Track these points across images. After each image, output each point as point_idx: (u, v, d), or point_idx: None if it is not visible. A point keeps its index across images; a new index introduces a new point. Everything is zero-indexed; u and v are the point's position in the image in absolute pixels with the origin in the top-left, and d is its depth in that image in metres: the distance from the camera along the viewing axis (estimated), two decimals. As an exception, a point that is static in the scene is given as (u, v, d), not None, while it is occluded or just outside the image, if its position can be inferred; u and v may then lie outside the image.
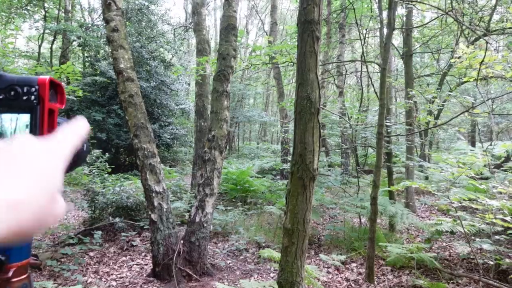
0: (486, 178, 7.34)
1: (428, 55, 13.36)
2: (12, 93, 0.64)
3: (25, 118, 0.65)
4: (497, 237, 4.18)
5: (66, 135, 0.46)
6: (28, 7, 13.65)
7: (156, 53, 13.48)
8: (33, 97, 0.65)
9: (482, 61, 3.57)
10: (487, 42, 3.86)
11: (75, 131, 0.48)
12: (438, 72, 9.80)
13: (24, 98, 0.65)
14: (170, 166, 13.47)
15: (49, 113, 0.68)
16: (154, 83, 12.79)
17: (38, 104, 0.65)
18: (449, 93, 6.36)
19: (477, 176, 4.98)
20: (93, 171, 5.79)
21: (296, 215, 2.12)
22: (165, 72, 13.63)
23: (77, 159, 0.80)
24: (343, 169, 10.49)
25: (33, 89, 0.65)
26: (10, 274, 0.67)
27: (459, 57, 4.61)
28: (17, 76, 0.66)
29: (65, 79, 7.25)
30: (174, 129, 13.97)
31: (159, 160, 4.33)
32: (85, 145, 0.82)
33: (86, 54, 14.68)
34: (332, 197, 7.57)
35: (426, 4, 3.99)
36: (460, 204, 4.34)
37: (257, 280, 3.98)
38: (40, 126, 0.65)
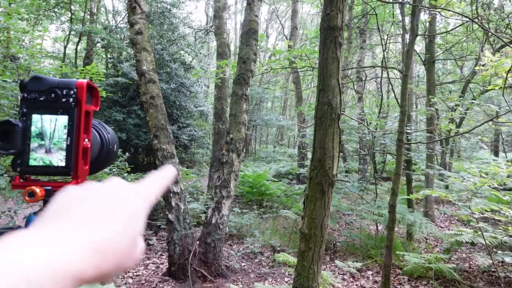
0: (510, 189, 7.12)
1: (451, 62, 13.09)
2: (53, 95, 0.68)
3: (64, 119, 0.69)
4: (520, 250, 4.06)
5: (155, 180, 0.47)
6: (55, 9, 14.10)
7: (176, 56, 13.69)
8: (71, 99, 0.68)
9: (510, 69, 3.48)
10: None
11: (163, 178, 0.48)
12: (461, 79, 9.59)
13: (63, 100, 0.68)
14: (187, 167, 13.61)
15: (85, 115, 0.71)
16: (174, 85, 12.98)
17: (76, 106, 0.69)
18: (472, 101, 6.22)
19: (500, 187, 4.84)
20: (113, 169, 5.91)
21: (314, 220, 2.11)
22: (185, 75, 13.82)
23: (109, 158, 0.84)
24: (361, 176, 10.37)
25: (72, 91, 0.68)
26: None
27: (483, 65, 4.50)
28: (57, 79, 0.70)
29: (89, 79, 7.41)
30: (192, 131, 14.13)
31: (177, 161, 4.39)
32: (115, 145, 0.85)
33: (109, 56, 15.04)
34: (349, 203, 7.49)
35: (450, 10, 3.92)
36: (481, 215, 4.23)
37: (272, 284, 3.98)
38: (77, 128, 0.69)
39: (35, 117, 0.66)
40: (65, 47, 14.50)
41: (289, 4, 18.97)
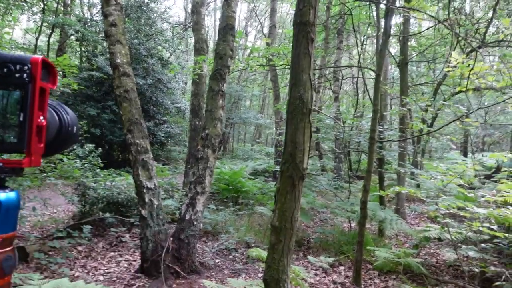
0: (475, 188, 7.42)
1: (424, 65, 13.48)
2: (5, 70, 0.66)
3: (17, 95, 0.67)
4: (483, 245, 4.23)
5: None
6: (27, -1, 13.59)
7: (154, 51, 13.48)
8: (25, 75, 0.67)
9: (471, 69, 3.63)
10: (477, 52, 3.93)
11: None
12: (433, 81, 9.90)
13: (17, 75, 0.67)
14: (163, 165, 13.43)
15: (40, 92, 0.70)
16: (150, 80, 12.78)
17: (29, 82, 0.67)
18: (443, 102, 6.44)
19: (467, 185, 5.05)
20: (85, 165, 5.76)
21: (284, 213, 2.14)
22: (162, 70, 13.63)
23: (67, 140, 0.82)
24: (336, 174, 10.55)
25: (26, 67, 0.67)
26: (-5, 245, 0.69)
27: (453, 66, 4.67)
28: (11, 54, 0.68)
29: (61, 72, 7.22)
30: (169, 128, 13.96)
31: (151, 156, 4.33)
32: (75, 127, 0.84)
33: (83, 49, 14.63)
34: (324, 201, 7.61)
35: (421, 11, 4.05)
36: (448, 212, 4.40)
37: (245, 280, 3.99)
38: (31, 104, 0.67)
39: (-13, 92, 0.65)
40: (36, 39, 14.00)
41: (268, 3, 19.02)
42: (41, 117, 0.69)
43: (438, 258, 5.10)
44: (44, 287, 2.71)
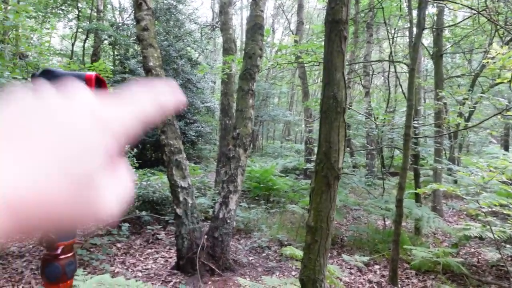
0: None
1: (459, 56, 12.92)
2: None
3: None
4: (529, 244, 4.03)
5: (137, 101, 0.31)
6: (63, 7, 14.21)
7: (183, 52, 13.73)
8: None
9: (515, 61, 3.44)
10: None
11: (154, 96, 0.31)
12: (470, 73, 9.48)
13: None
14: (194, 163, 13.68)
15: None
16: (180, 81, 13.03)
17: None
18: (481, 94, 6.14)
19: (510, 181, 4.79)
20: (122, 165, 5.97)
21: (320, 213, 2.13)
22: (192, 71, 13.86)
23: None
24: (368, 171, 10.34)
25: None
26: (59, 251, 0.74)
27: (492, 58, 4.45)
28: (65, 71, 0.72)
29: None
30: (199, 127, 14.19)
31: (185, 156, 4.43)
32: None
33: (116, 53, 15.14)
34: (356, 198, 7.49)
35: (457, 3, 3.88)
36: (490, 209, 4.21)
37: (279, 277, 4.01)
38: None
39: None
40: (72, 45, 14.61)
41: (295, -1, 18.84)
42: None
43: (479, 257, 4.90)
44: (88, 282, 2.84)
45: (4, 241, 4.91)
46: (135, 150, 6.59)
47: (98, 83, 0.78)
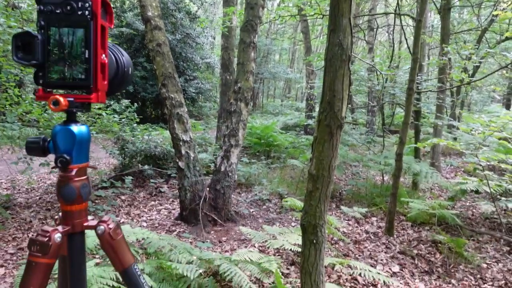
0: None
1: (467, 11, 12.46)
2: (68, 7, 0.68)
3: (81, 32, 0.70)
4: (524, 197, 4.13)
5: None
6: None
7: (181, 5, 13.23)
8: (87, 12, 0.69)
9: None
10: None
11: None
12: (477, 28, 9.18)
13: (79, 13, 0.69)
14: (195, 120, 13.68)
15: (101, 30, 0.72)
16: (179, 35, 12.68)
17: (91, 20, 0.69)
18: (488, 50, 6.00)
19: (510, 137, 4.82)
20: (123, 120, 5.97)
21: (322, 161, 2.15)
22: (191, 25, 13.44)
23: (124, 80, 0.85)
24: (369, 128, 10.36)
25: (87, 4, 0.69)
26: (73, 173, 0.76)
27: (503, 9, 4.30)
28: (73, -10, 0.70)
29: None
30: (199, 83, 14.02)
31: (186, 110, 4.41)
32: (130, 68, 0.87)
33: (112, 5, 14.59)
34: (356, 154, 7.56)
35: None
36: (488, 164, 4.27)
37: (279, 227, 4.15)
38: (94, 42, 0.70)
39: (53, 30, 0.68)
40: (66, -4, 14.04)
41: None
42: (103, 55, 0.71)
43: (474, 210, 5.04)
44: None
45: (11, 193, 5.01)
46: (135, 105, 6.54)
47: (104, 5, 0.76)
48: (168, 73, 4.27)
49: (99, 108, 5.47)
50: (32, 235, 0.77)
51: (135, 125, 6.19)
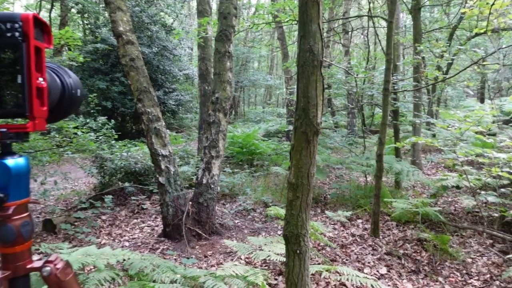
0: (494, 134, 7.26)
1: (437, 10, 12.81)
2: (-4, 29, 0.63)
3: (12, 56, 0.64)
4: (502, 190, 4.20)
5: None
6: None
7: (156, 18, 13.15)
8: (17, 33, 0.63)
9: (492, 6, 3.41)
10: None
11: None
12: (448, 26, 9.44)
13: (8, 35, 0.63)
14: (176, 133, 13.53)
15: (36, 52, 0.66)
16: (156, 48, 12.58)
17: (23, 41, 0.64)
18: (459, 47, 6.15)
19: (485, 132, 4.92)
20: (100, 137, 5.83)
21: (300, 169, 2.12)
22: (167, 37, 13.36)
23: (72, 104, 0.79)
24: (350, 130, 10.45)
25: (17, 25, 0.63)
26: (10, 211, 0.69)
27: (470, 7, 4.41)
28: (-2, 12, 0.65)
29: (66, 47, 7.16)
30: (178, 95, 13.90)
31: (164, 124, 4.33)
32: (79, 90, 0.81)
33: (85, 21, 14.38)
34: (338, 157, 7.60)
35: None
36: (466, 159, 4.33)
37: (265, 237, 4.09)
38: (27, 65, 0.64)
39: (-21, 55, 0.62)
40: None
41: (270, -44, 18.04)
42: (40, 79, 0.66)
43: (456, 206, 5.10)
44: (74, 255, 2.82)
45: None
46: (114, 122, 6.40)
47: (39, 25, 0.70)
48: (143, 88, 4.19)
49: (75, 127, 5.34)
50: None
51: (113, 142, 6.05)
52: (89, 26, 13.92)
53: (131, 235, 4.45)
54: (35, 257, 0.78)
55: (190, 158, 7.33)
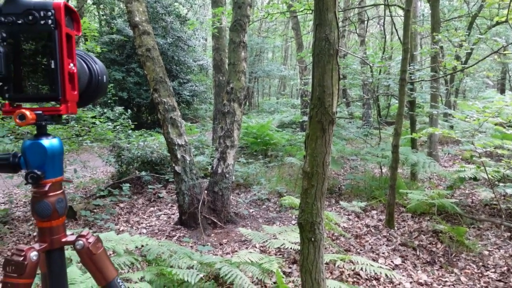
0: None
1: (457, -2, 12.44)
2: (30, 17, 0.66)
3: (45, 42, 0.68)
4: (522, 182, 4.12)
5: None
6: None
7: (171, 8, 13.18)
8: (50, 21, 0.67)
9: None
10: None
11: None
12: (467, 14, 9.17)
13: (42, 22, 0.67)
14: (191, 123, 13.64)
15: (67, 38, 0.70)
16: (170, 39, 12.63)
17: (55, 29, 0.67)
18: (479, 36, 5.99)
19: (505, 122, 4.80)
20: (117, 127, 5.94)
21: (316, 158, 2.13)
22: (181, 28, 13.39)
23: (99, 89, 0.83)
24: (365, 121, 10.35)
25: (50, 13, 0.66)
26: (47, 188, 0.74)
27: (491, -6, 4.29)
28: (32, 0, 0.68)
29: (83, 38, 7.26)
30: (193, 86, 13.97)
31: (179, 113, 4.38)
32: (104, 76, 0.84)
33: (101, 12, 14.52)
34: (353, 148, 7.55)
35: None
36: (484, 150, 4.25)
37: (279, 226, 4.13)
38: (60, 51, 0.68)
39: (16, 41, 0.65)
40: (55, 6, 13.96)
41: None
42: (71, 64, 0.69)
43: (473, 198, 5.03)
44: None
45: (9, 207, 4.97)
46: (129, 112, 6.51)
47: (69, 13, 0.74)
48: (159, 78, 4.24)
49: (93, 117, 5.45)
50: (8, 255, 0.75)
51: (130, 131, 6.16)
52: (104, 17, 14.06)
53: (148, 223, 4.55)
54: (68, 232, 0.83)
55: (205, 148, 7.40)
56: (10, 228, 4.31)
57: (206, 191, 4.38)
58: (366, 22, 10.27)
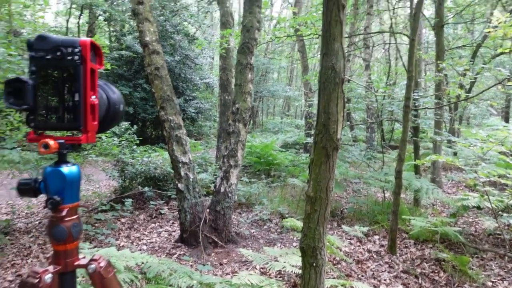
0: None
1: (461, 27, 12.68)
2: (58, 53, 0.71)
3: (71, 77, 0.72)
4: (526, 213, 4.09)
5: None
6: (56, -18, 13.86)
7: (180, 27, 13.47)
8: (76, 57, 0.72)
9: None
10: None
11: None
12: (471, 44, 9.32)
13: (69, 58, 0.71)
14: (195, 140, 13.72)
15: (91, 73, 0.74)
16: (178, 57, 12.86)
17: (81, 64, 0.72)
18: (483, 65, 6.07)
19: (509, 151, 4.81)
20: (122, 142, 6.00)
21: (319, 183, 2.15)
22: (189, 46, 13.65)
23: (115, 117, 0.87)
24: (368, 144, 10.37)
25: (76, 49, 0.71)
26: (64, 213, 0.77)
27: (494, 27, 4.38)
28: (61, 37, 0.73)
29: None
30: (198, 103, 14.12)
31: (185, 131, 4.44)
32: (121, 105, 0.89)
33: (112, 29, 14.86)
34: (356, 171, 7.54)
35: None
36: (488, 180, 4.25)
37: (280, 248, 4.11)
38: (84, 85, 0.72)
39: (44, 75, 0.70)
40: (67, 21, 14.31)
41: (294, -30, 18.27)
42: (93, 96, 0.73)
43: (477, 227, 4.99)
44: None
45: (10, 218, 4.98)
46: (135, 127, 6.58)
47: (93, 48, 0.79)
48: (167, 96, 4.32)
49: (99, 131, 5.51)
50: (23, 277, 0.77)
51: (134, 147, 6.21)
52: (114, 33, 14.37)
53: (149, 239, 4.54)
54: (80, 256, 0.86)
55: (208, 165, 7.43)
56: (11, 239, 4.31)
57: (208, 210, 4.38)
58: (371, 47, 10.43)
